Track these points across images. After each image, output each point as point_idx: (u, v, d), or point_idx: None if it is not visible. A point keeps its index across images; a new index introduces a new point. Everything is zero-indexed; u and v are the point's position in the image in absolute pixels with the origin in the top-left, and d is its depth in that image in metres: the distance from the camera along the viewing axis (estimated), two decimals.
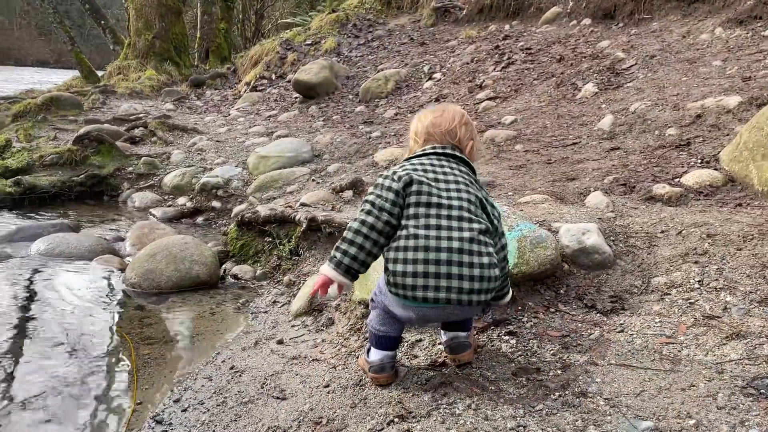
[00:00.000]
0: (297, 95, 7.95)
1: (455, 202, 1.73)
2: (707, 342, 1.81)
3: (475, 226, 1.71)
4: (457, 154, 1.89)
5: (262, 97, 8.58)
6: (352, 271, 1.74)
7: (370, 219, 1.72)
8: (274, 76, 9.24)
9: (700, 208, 2.68)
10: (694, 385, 1.62)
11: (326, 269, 1.75)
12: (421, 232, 1.69)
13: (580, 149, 3.86)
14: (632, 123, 3.97)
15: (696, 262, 2.19)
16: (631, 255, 2.37)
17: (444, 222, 1.70)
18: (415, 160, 1.86)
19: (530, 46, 6.62)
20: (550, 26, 7.21)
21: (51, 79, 19.00)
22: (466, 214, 1.72)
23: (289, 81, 8.63)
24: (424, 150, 1.91)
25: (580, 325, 2.04)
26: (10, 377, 2.23)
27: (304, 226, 3.29)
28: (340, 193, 3.92)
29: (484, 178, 3.55)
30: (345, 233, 1.74)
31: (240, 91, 9.38)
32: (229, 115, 8.01)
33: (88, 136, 5.60)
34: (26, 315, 2.79)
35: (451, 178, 1.79)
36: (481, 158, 4.06)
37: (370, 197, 1.76)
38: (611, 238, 2.45)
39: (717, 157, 3.13)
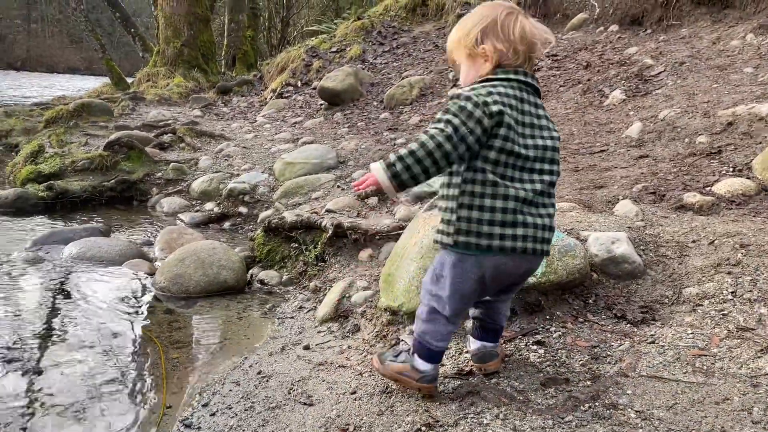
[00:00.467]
0: (322, 102, 8.00)
1: (531, 153, 1.63)
2: (741, 355, 1.78)
3: (546, 178, 1.66)
4: (535, 84, 1.71)
5: (287, 103, 8.65)
6: (405, 186, 1.62)
7: (447, 146, 1.54)
8: (299, 83, 9.32)
9: (732, 217, 2.63)
10: (728, 399, 1.59)
11: (381, 175, 1.59)
12: (499, 180, 1.60)
13: (608, 157, 3.83)
14: (661, 130, 3.92)
15: (729, 273, 2.15)
16: (662, 265, 2.34)
17: (518, 173, 1.62)
18: (500, 89, 1.62)
19: (556, 53, 6.58)
20: (576, 33, 7.16)
21: (82, 86, 19.41)
22: (538, 166, 1.65)
23: (314, 88, 8.69)
24: (506, 74, 1.66)
25: (609, 335, 2.01)
26: (39, 378, 2.28)
27: (330, 232, 3.31)
28: (366, 200, 3.94)
29: None
30: (414, 146, 1.57)
31: (266, 98, 9.48)
32: (256, 121, 8.10)
33: (118, 142, 5.71)
34: (57, 317, 2.85)
35: (535, 121, 1.66)
36: None
37: (455, 120, 1.55)
38: (641, 247, 2.42)
39: (749, 165, 3.07)
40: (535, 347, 2.01)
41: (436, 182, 3.72)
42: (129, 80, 11.96)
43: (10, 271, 3.39)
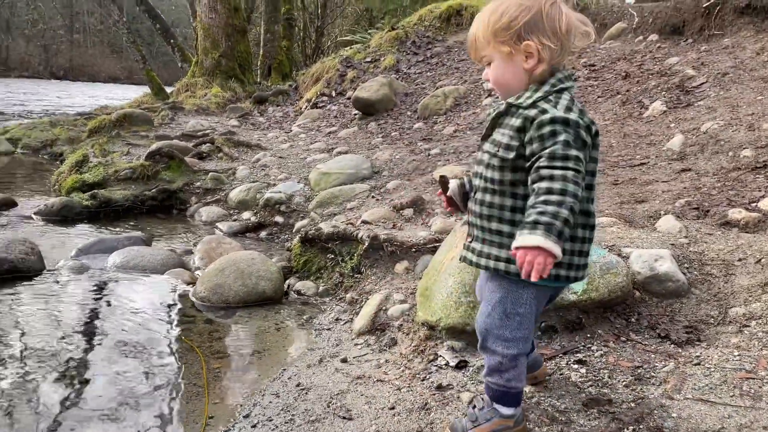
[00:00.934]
0: (356, 112, 8.06)
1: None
2: None
3: None
4: None
5: (322, 113, 8.74)
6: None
7: (582, 184, 1.38)
8: (334, 93, 9.40)
9: None
10: None
11: (549, 244, 1.31)
12: (592, 207, 1.53)
13: (649, 170, 3.77)
14: (704, 143, 3.85)
15: None
16: (707, 283, 2.29)
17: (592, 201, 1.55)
18: (569, 98, 1.46)
19: (593, 63, 6.51)
20: (614, 42, 7.07)
21: (122, 95, 19.92)
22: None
23: (348, 98, 8.76)
24: (569, 80, 1.51)
25: (653, 355, 1.98)
26: (82, 384, 2.34)
27: (366, 244, 3.33)
28: (401, 211, 3.95)
29: None
30: (557, 198, 1.34)
31: (301, 108, 9.59)
32: (291, 131, 8.19)
33: (159, 152, 5.84)
34: (101, 325, 2.92)
35: None
36: None
37: (578, 154, 1.37)
38: (685, 265, 2.38)
39: None
40: (576, 366, 1.99)
41: None
42: (168, 90, 12.23)
43: (57, 278, 3.50)
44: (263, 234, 4.78)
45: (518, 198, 1.50)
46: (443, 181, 1.81)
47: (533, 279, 1.32)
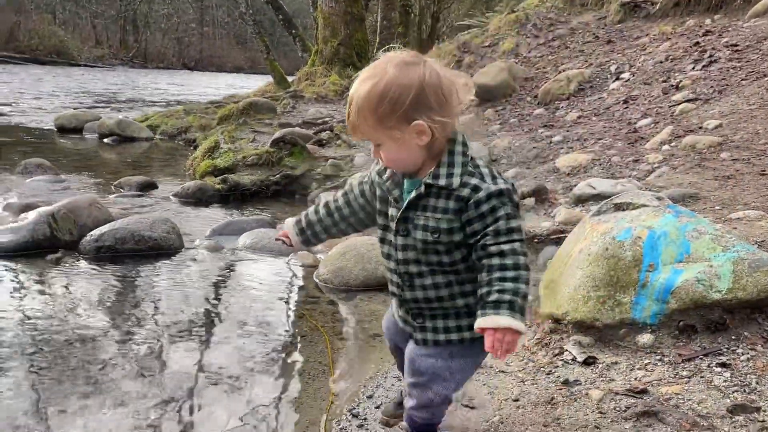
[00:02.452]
0: (473, 98, 7.94)
1: None
2: None
3: None
4: None
5: None
6: None
7: (527, 260, 1.45)
8: None
9: None
10: None
11: (519, 325, 1.36)
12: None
13: None
14: None
15: None
16: None
17: None
18: (483, 164, 1.47)
19: (736, 42, 5.97)
20: (760, 20, 6.44)
21: (246, 84, 21.01)
22: None
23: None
24: (465, 147, 1.46)
25: None
26: (210, 354, 2.51)
27: None
28: (522, 200, 3.86)
29: (684, 189, 3.28)
30: (522, 286, 1.40)
31: None
32: None
33: (283, 139, 6.10)
34: (230, 300, 3.12)
35: None
36: (681, 166, 3.75)
37: (519, 224, 1.42)
38: None
39: None
40: (719, 369, 1.86)
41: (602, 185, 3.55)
42: (289, 79, 12.71)
43: (194, 256, 3.77)
44: None
45: (472, 271, 1.46)
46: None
47: (502, 359, 1.43)
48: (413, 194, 1.44)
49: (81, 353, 2.45)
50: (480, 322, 1.35)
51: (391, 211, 1.51)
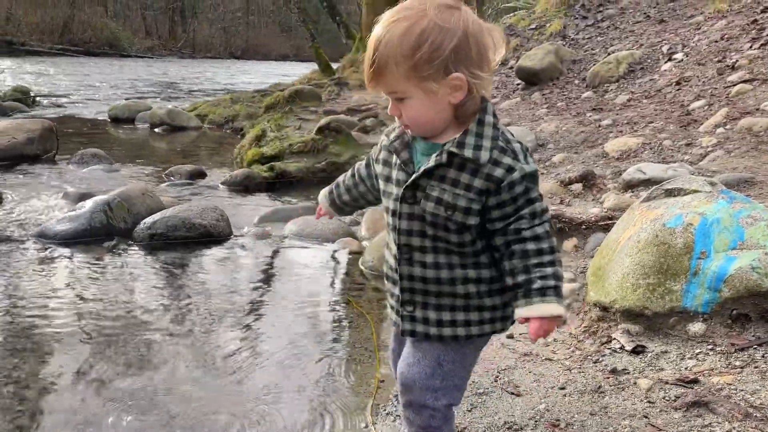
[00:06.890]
0: (519, 82, 7.82)
1: None
2: None
3: None
4: None
5: None
6: None
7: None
8: None
9: None
10: None
11: (559, 310, 1.31)
12: None
13: None
14: None
15: None
16: None
17: None
18: (511, 134, 1.33)
19: None
20: None
21: (292, 72, 21.19)
22: None
23: (511, 67, 8.52)
24: (495, 117, 1.31)
25: None
26: (258, 337, 2.60)
27: None
28: (569, 186, 3.80)
29: (739, 174, 3.17)
30: (551, 257, 1.33)
31: None
32: None
33: (328, 127, 6.16)
34: (277, 286, 3.20)
35: None
36: (737, 150, 3.62)
37: (546, 206, 1.35)
38: None
39: None
40: None
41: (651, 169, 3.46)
42: (333, 66, 12.76)
43: (243, 243, 3.86)
44: None
45: (478, 255, 1.35)
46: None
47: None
48: (432, 161, 1.28)
49: (137, 336, 2.56)
50: (526, 311, 1.27)
51: (398, 175, 1.35)
